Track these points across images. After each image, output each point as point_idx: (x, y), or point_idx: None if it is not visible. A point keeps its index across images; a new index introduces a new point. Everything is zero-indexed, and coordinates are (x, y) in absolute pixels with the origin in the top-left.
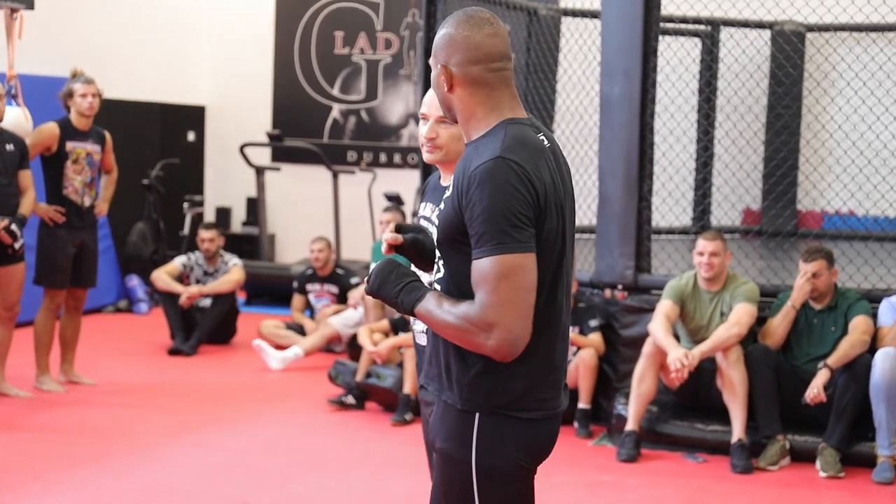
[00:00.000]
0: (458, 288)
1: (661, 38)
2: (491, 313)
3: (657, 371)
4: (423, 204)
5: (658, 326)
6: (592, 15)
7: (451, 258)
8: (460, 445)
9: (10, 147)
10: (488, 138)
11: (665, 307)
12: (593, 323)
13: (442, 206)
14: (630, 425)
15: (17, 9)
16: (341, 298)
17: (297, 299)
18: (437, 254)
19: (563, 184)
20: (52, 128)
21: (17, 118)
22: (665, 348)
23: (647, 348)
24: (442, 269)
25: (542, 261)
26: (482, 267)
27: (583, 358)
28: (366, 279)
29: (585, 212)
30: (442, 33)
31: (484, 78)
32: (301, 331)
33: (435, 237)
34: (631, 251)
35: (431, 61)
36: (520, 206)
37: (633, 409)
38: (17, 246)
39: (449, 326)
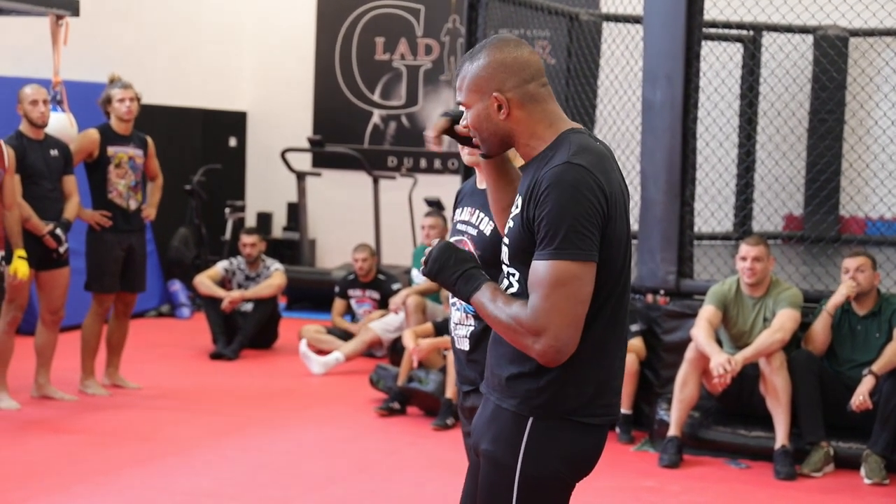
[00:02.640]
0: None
1: (703, 43)
2: (542, 318)
3: (700, 376)
4: (458, 210)
5: (701, 332)
6: (634, 20)
7: (526, 271)
8: (508, 450)
9: (54, 152)
10: (553, 150)
11: (708, 312)
12: (634, 328)
13: (511, 223)
14: (672, 431)
15: (63, 15)
16: (383, 304)
17: (339, 303)
18: (506, 271)
19: (626, 189)
20: (92, 134)
21: (62, 124)
22: (708, 354)
23: (689, 353)
24: (515, 285)
25: (610, 265)
26: (540, 270)
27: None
28: (423, 261)
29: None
30: (483, 63)
31: (539, 94)
32: (342, 335)
33: (506, 256)
34: (673, 256)
35: (471, 97)
36: (586, 212)
37: (675, 415)
38: (61, 250)
39: (500, 323)
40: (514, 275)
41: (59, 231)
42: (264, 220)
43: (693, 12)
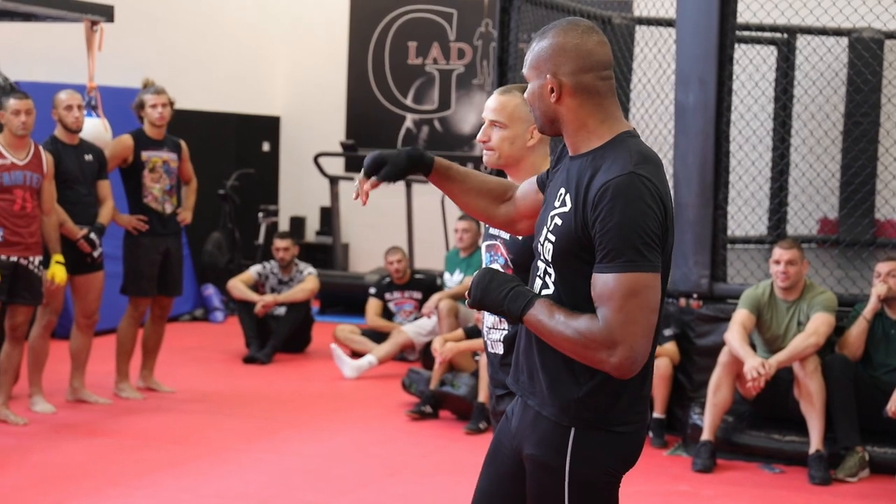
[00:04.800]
0: (570, 304)
1: (736, 45)
2: (617, 331)
3: (733, 380)
4: None
5: (734, 336)
6: (667, 23)
7: (566, 273)
8: (554, 453)
9: (89, 157)
10: (611, 152)
11: (741, 316)
12: (667, 332)
13: (558, 221)
14: (706, 435)
15: (98, 21)
16: (427, 301)
17: (374, 303)
18: (542, 269)
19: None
20: (126, 140)
21: (97, 129)
22: (741, 357)
23: (723, 357)
24: (551, 286)
25: (663, 276)
26: (610, 282)
27: (657, 367)
28: (466, 294)
29: None
30: (547, 44)
31: (596, 86)
32: (375, 337)
33: (549, 253)
34: (706, 260)
35: (531, 73)
36: (652, 224)
37: (708, 419)
38: (95, 255)
39: (565, 339)
40: (549, 275)
41: (93, 235)
42: (297, 224)
43: (726, 15)
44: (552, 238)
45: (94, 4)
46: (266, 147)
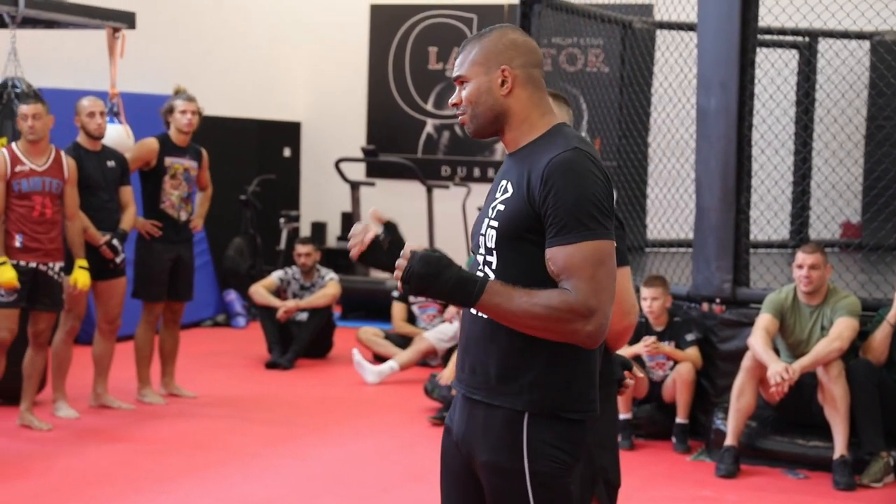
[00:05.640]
0: (514, 284)
1: (758, 49)
2: (592, 299)
3: (757, 385)
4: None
5: (758, 340)
6: (688, 27)
7: (510, 256)
8: (510, 453)
9: (111, 163)
10: (550, 138)
11: (764, 321)
12: (690, 337)
13: (501, 207)
14: (729, 440)
15: (120, 28)
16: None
17: (399, 308)
18: (482, 261)
19: None
20: (151, 143)
21: (119, 135)
22: (765, 362)
23: (746, 362)
24: (491, 275)
25: None
26: (575, 254)
27: (680, 372)
28: (400, 279)
29: (682, 225)
30: (496, 39)
31: (540, 82)
32: (398, 341)
33: (492, 239)
34: (729, 264)
35: (476, 69)
36: (603, 194)
37: (732, 424)
38: (118, 260)
39: (532, 316)
40: (490, 263)
41: (115, 242)
42: (319, 229)
43: (747, 19)
44: (495, 224)
45: (117, 11)
46: (287, 153)
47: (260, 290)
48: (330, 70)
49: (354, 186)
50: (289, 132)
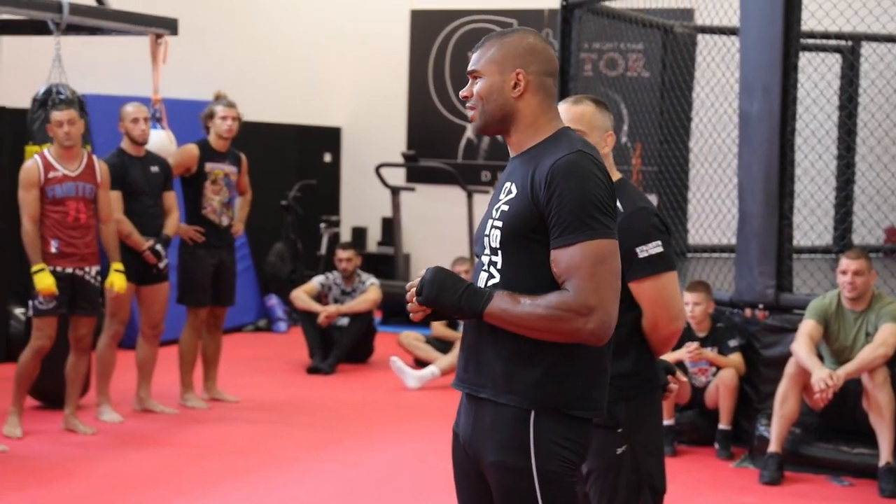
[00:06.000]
0: (519, 288)
1: (800, 53)
2: (592, 296)
3: (800, 392)
4: None
5: (801, 346)
6: (730, 32)
7: (514, 256)
8: (518, 452)
9: (154, 169)
10: (554, 142)
11: (808, 327)
12: (733, 343)
13: (505, 207)
14: (773, 447)
15: (162, 34)
16: None
17: None
18: (487, 261)
19: None
20: (192, 149)
21: (161, 141)
22: (809, 368)
23: (790, 368)
24: (496, 275)
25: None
26: (575, 253)
27: (723, 378)
28: (415, 291)
29: (724, 230)
30: (516, 42)
31: (552, 90)
32: (439, 346)
33: (497, 240)
34: (772, 270)
35: (491, 67)
36: (605, 195)
37: (775, 431)
38: (161, 266)
39: (536, 318)
40: (495, 264)
41: (158, 247)
42: (359, 234)
43: (790, 23)
44: (499, 224)
45: (159, 18)
46: (328, 158)
47: (301, 296)
48: (370, 75)
49: (395, 191)
50: (329, 137)
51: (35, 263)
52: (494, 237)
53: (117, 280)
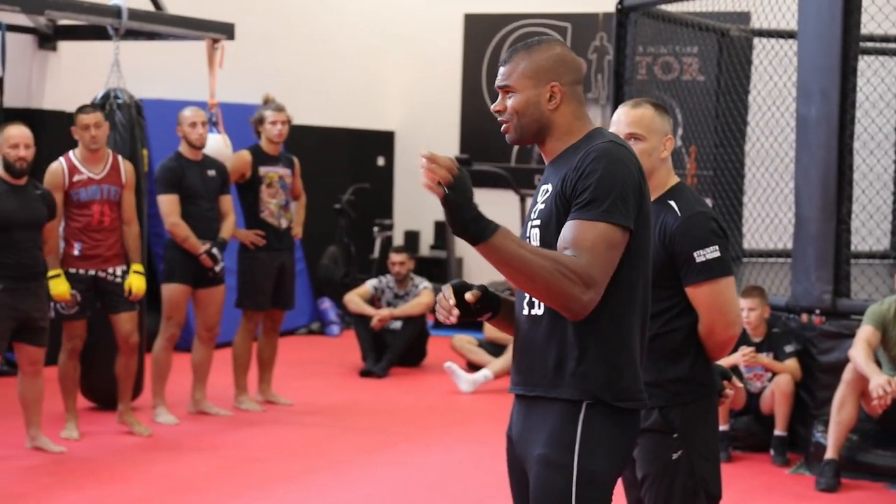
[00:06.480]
0: None
1: (860, 57)
2: (596, 272)
3: (858, 398)
4: None
5: (859, 352)
6: (787, 35)
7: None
8: (563, 448)
9: (211, 173)
10: (587, 140)
11: (866, 333)
12: (789, 348)
13: (541, 206)
14: (830, 454)
15: (219, 39)
16: None
17: None
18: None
19: None
20: (244, 155)
21: (217, 145)
22: (867, 374)
23: (847, 375)
24: None
25: (644, 243)
26: (589, 228)
27: (779, 384)
28: (447, 183)
29: (781, 235)
30: (546, 55)
31: (582, 97)
32: (491, 349)
33: (537, 238)
34: (829, 275)
35: (525, 82)
36: (630, 183)
37: (832, 437)
38: (217, 269)
39: (540, 266)
40: None
41: (215, 250)
42: (412, 238)
43: (849, 26)
44: (537, 223)
45: (216, 23)
46: (381, 162)
47: (354, 299)
48: (424, 79)
49: None
50: (383, 141)
51: (52, 268)
52: (535, 236)
53: (136, 282)
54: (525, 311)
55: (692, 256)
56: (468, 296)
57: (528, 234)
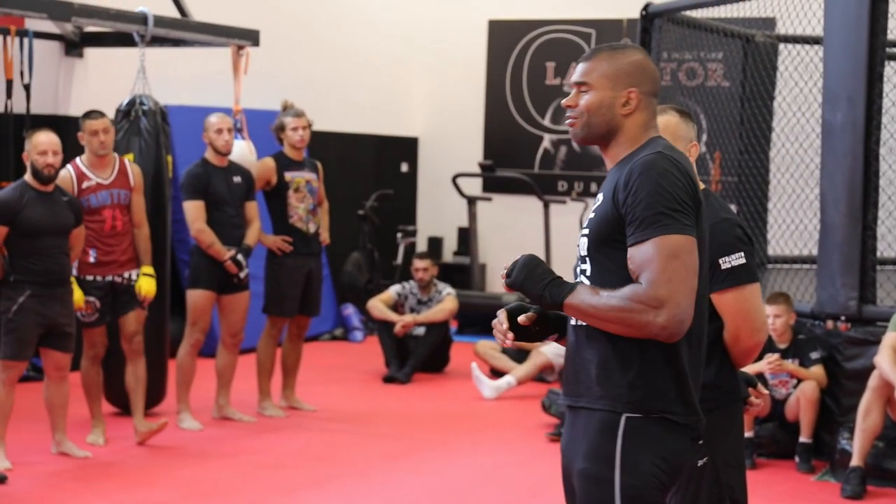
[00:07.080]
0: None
1: (886, 63)
2: (662, 289)
3: (884, 405)
4: None
5: (885, 359)
6: (813, 41)
7: (602, 261)
8: (604, 463)
9: (237, 179)
10: (643, 149)
11: (892, 339)
12: (815, 355)
13: (592, 215)
14: (855, 461)
15: (244, 46)
16: None
17: None
18: (578, 270)
19: None
20: (268, 162)
21: (242, 151)
22: (892, 381)
23: (873, 381)
24: (587, 283)
25: (701, 249)
26: (647, 249)
27: (804, 391)
28: (505, 271)
29: (806, 241)
30: (630, 59)
31: (655, 108)
32: (515, 355)
33: (585, 247)
34: (854, 281)
35: (603, 82)
36: (681, 192)
37: (858, 444)
38: (242, 275)
39: (611, 309)
40: (585, 271)
41: (239, 257)
42: (435, 244)
43: (876, 32)
44: (587, 231)
45: (241, 29)
46: (405, 168)
47: (377, 305)
48: (448, 85)
49: (471, 201)
50: (406, 147)
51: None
52: (584, 245)
53: (145, 284)
54: (572, 322)
55: (717, 263)
56: (521, 318)
57: (579, 243)
